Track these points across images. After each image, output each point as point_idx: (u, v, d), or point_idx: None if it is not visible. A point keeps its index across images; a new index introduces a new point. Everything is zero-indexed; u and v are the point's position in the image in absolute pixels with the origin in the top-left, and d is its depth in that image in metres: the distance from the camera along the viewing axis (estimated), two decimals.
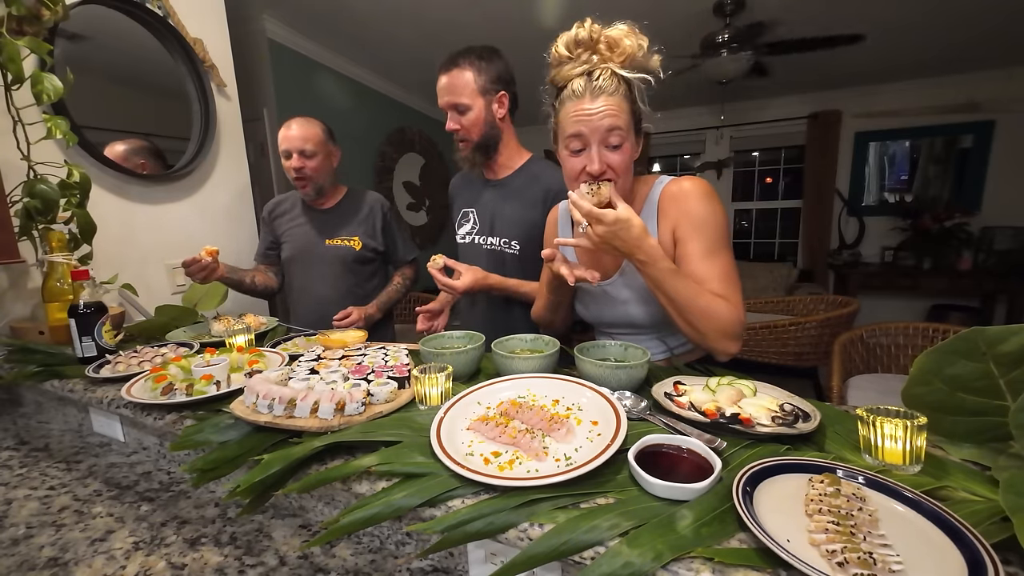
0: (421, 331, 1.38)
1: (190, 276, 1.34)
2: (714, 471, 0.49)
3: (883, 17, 2.68)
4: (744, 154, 4.87)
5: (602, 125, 0.82)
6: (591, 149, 0.84)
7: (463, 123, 1.21)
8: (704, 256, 0.86)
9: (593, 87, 0.82)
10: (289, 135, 1.51)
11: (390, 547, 0.64)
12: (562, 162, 0.91)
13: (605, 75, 0.82)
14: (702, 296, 0.80)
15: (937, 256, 3.85)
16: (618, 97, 0.82)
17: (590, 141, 0.84)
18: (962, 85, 3.79)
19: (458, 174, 1.46)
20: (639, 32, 0.82)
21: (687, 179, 0.90)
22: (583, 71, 0.83)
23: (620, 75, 0.82)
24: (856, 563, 0.38)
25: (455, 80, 1.18)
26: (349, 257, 1.61)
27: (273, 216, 1.68)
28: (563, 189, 1.29)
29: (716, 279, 0.84)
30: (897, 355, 2.10)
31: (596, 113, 0.81)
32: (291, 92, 2.81)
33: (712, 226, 0.86)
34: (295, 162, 1.51)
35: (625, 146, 0.84)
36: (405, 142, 4.07)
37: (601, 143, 0.84)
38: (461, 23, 2.73)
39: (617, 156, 0.84)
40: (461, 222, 1.39)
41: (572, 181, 0.89)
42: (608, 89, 0.81)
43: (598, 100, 0.81)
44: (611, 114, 0.81)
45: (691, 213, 0.87)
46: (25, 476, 0.86)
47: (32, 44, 1.11)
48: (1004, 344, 0.51)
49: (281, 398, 0.68)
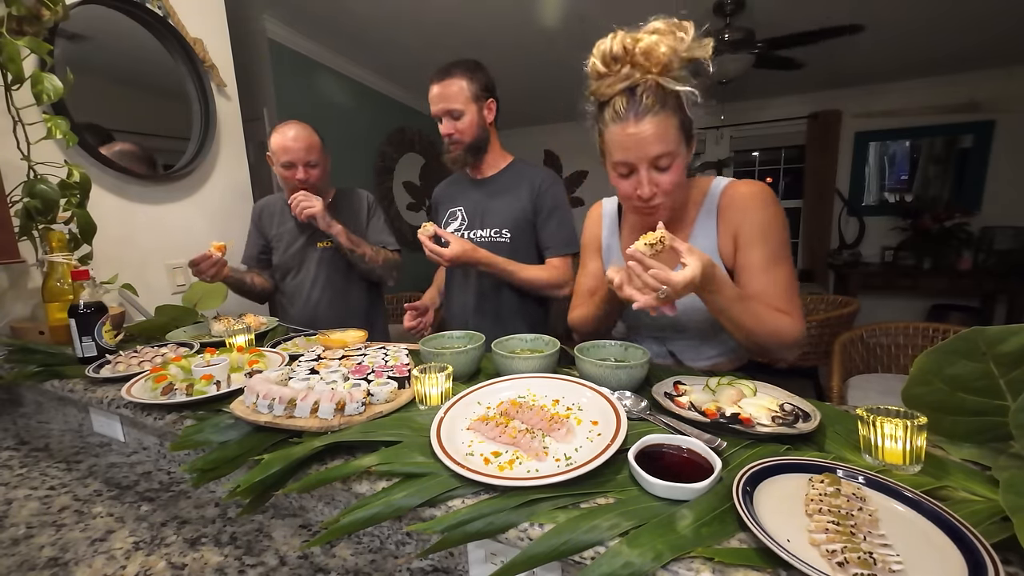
0: (409, 328, 1.41)
1: (199, 275, 1.33)
2: (714, 471, 0.49)
3: (883, 17, 2.68)
4: (744, 154, 4.87)
5: (650, 149, 0.77)
6: (640, 173, 0.80)
7: (457, 127, 1.28)
8: (767, 266, 0.83)
9: (637, 108, 0.76)
10: (293, 146, 1.45)
11: (390, 547, 0.64)
12: (613, 182, 0.87)
13: (649, 92, 0.75)
14: (768, 321, 0.79)
15: (937, 256, 3.84)
16: (664, 114, 0.76)
17: (638, 165, 0.80)
18: (962, 85, 3.79)
19: (441, 183, 1.52)
20: (678, 24, 0.74)
21: (749, 183, 0.87)
22: (624, 87, 0.77)
23: (665, 88, 0.75)
24: (856, 563, 0.38)
25: (449, 88, 1.25)
26: (341, 259, 1.59)
27: (262, 220, 1.65)
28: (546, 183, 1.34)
29: (779, 292, 0.82)
30: (897, 355, 2.10)
31: (643, 138, 0.76)
32: (291, 92, 2.81)
33: (775, 234, 0.84)
34: (300, 174, 1.47)
35: (676, 163, 0.80)
36: (405, 142, 4.06)
37: (650, 166, 0.80)
38: (461, 24, 2.73)
39: (667, 176, 0.80)
40: (448, 221, 1.42)
41: (625, 201, 0.87)
42: (653, 108, 0.75)
43: (643, 122, 0.76)
44: (658, 138, 0.76)
45: (755, 220, 0.84)
46: (25, 476, 0.86)
47: (32, 44, 1.11)
48: (1004, 344, 0.51)
49: (281, 398, 0.68)
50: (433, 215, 1.52)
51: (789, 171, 4.75)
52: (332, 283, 1.58)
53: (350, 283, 1.62)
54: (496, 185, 1.37)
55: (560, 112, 4.61)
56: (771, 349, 0.82)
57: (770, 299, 0.82)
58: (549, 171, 1.40)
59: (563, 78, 3.79)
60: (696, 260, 0.68)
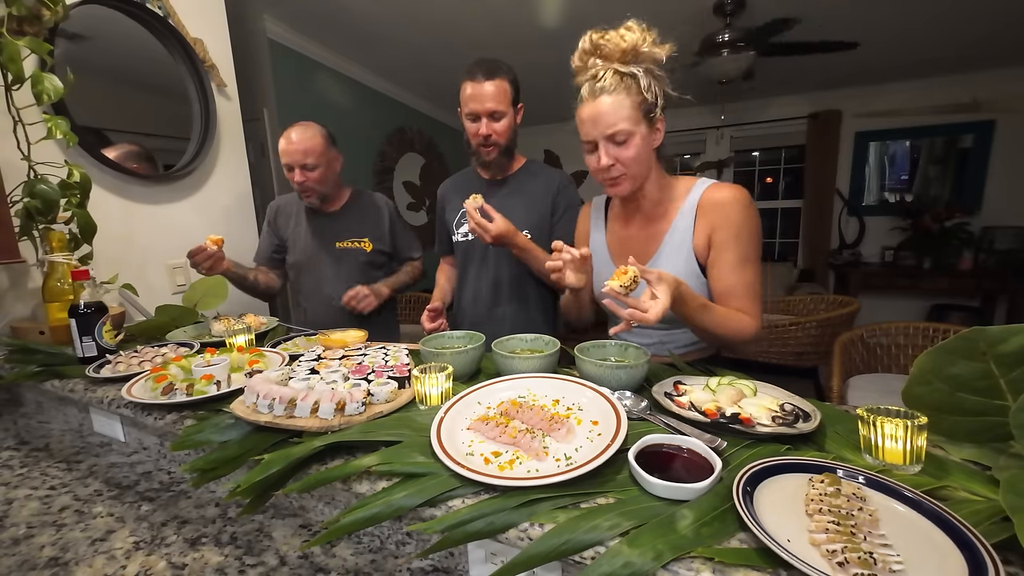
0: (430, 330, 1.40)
1: (196, 267, 1.33)
2: (714, 471, 0.49)
3: (883, 17, 2.68)
4: (744, 154, 4.87)
5: (602, 123, 0.87)
6: (599, 147, 0.89)
7: (496, 129, 1.27)
8: (736, 266, 0.90)
9: (594, 89, 0.87)
10: (290, 148, 1.46)
11: (390, 547, 0.64)
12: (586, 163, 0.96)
13: (607, 75, 0.86)
14: (728, 324, 0.87)
15: (937, 256, 3.84)
16: (619, 94, 0.85)
17: (596, 139, 0.89)
18: (962, 85, 3.78)
19: (447, 180, 1.51)
20: (644, 27, 0.85)
21: (730, 187, 0.93)
22: (591, 75, 0.88)
23: (621, 72, 0.85)
24: (856, 563, 0.38)
25: (498, 89, 1.25)
26: (361, 258, 1.61)
27: (277, 219, 1.67)
28: (563, 183, 1.38)
29: (742, 292, 0.90)
30: (897, 355, 2.10)
31: (599, 114, 0.86)
32: (291, 92, 2.80)
33: (747, 237, 0.90)
34: (298, 176, 1.49)
35: (633, 139, 0.88)
36: (405, 142, 4.06)
37: (607, 140, 0.88)
38: (461, 24, 2.73)
39: (624, 151, 0.88)
40: (461, 221, 1.41)
41: (595, 176, 0.95)
42: (608, 88, 0.85)
43: (599, 100, 0.86)
44: (613, 114, 0.86)
45: (731, 222, 0.90)
46: (26, 476, 0.86)
47: (32, 44, 1.11)
48: (1004, 344, 0.51)
49: (281, 398, 0.68)
50: (439, 213, 1.51)
51: (789, 171, 4.75)
52: (353, 282, 1.57)
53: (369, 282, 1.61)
54: (512, 186, 1.37)
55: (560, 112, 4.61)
56: (730, 345, 0.94)
57: (735, 298, 0.90)
58: (563, 172, 1.42)
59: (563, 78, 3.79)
60: (665, 289, 0.73)
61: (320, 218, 1.62)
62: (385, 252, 1.66)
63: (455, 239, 1.43)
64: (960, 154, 3.97)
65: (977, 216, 3.86)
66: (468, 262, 1.42)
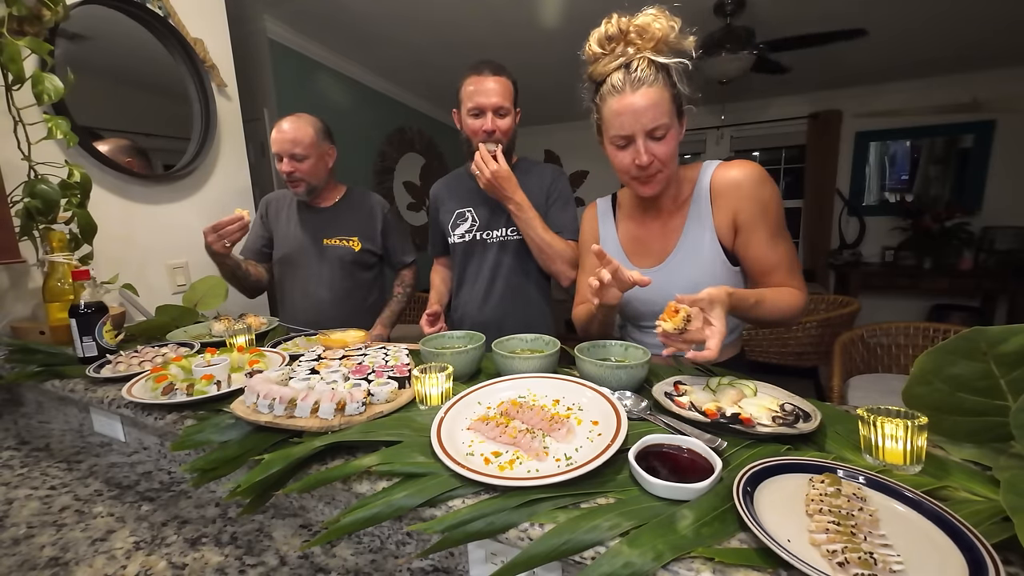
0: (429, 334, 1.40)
1: (221, 239, 1.33)
2: (714, 471, 0.49)
3: (884, 17, 2.68)
4: (745, 154, 4.86)
5: (645, 117, 0.82)
6: (637, 142, 0.85)
7: (501, 127, 1.27)
8: (770, 242, 0.88)
9: (632, 79, 0.81)
10: (279, 137, 1.46)
11: (390, 547, 0.64)
12: (610, 157, 0.91)
13: (642, 65, 0.81)
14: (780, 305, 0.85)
15: (938, 256, 3.84)
16: (658, 86, 0.81)
17: (635, 135, 0.84)
18: (963, 85, 3.78)
19: (439, 181, 1.51)
20: (669, 14, 0.81)
21: (741, 164, 0.90)
22: (619, 64, 0.83)
23: (657, 62, 0.81)
24: (857, 563, 0.38)
25: (504, 86, 1.26)
26: (348, 258, 1.58)
27: (268, 211, 1.65)
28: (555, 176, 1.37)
29: (784, 266, 0.89)
30: (898, 355, 2.10)
31: (639, 108, 0.81)
32: (291, 92, 2.80)
33: (773, 211, 0.88)
34: (286, 166, 1.48)
35: (670, 134, 0.84)
36: (405, 142, 4.06)
37: (646, 135, 0.84)
38: (461, 24, 2.73)
39: (662, 146, 0.85)
40: (457, 222, 1.40)
41: (623, 174, 0.91)
42: (647, 79, 0.81)
43: (638, 92, 0.81)
44: (653, 107, 0.81)
45: (754, 199, 0.88)
46: (26, 476, 0.86)
47: (33, 44, 1.11)
48: (1005, 344, 0.51)
49: (282, 398, 0.68)
50: (432, 214, 1.51)
51: (789, 171, 4.75)
52: (337, 282, 1.56)
53: (355, 283, 1.61)
54: None
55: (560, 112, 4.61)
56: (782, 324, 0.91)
57: (777, 274, 0.88)
58: (554, 166, 1.42)
59: (563, 78, 3.80)
60: (719, 311, 0.70)
61: (310, 213, 1.60)
62: (375, 253, 1.63)
63: (451, 241, 1.42)
64: (960, 154, 3.97)
65: (977, 216, 3.86)
66: (467, 263, 1.41)
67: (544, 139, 5.38)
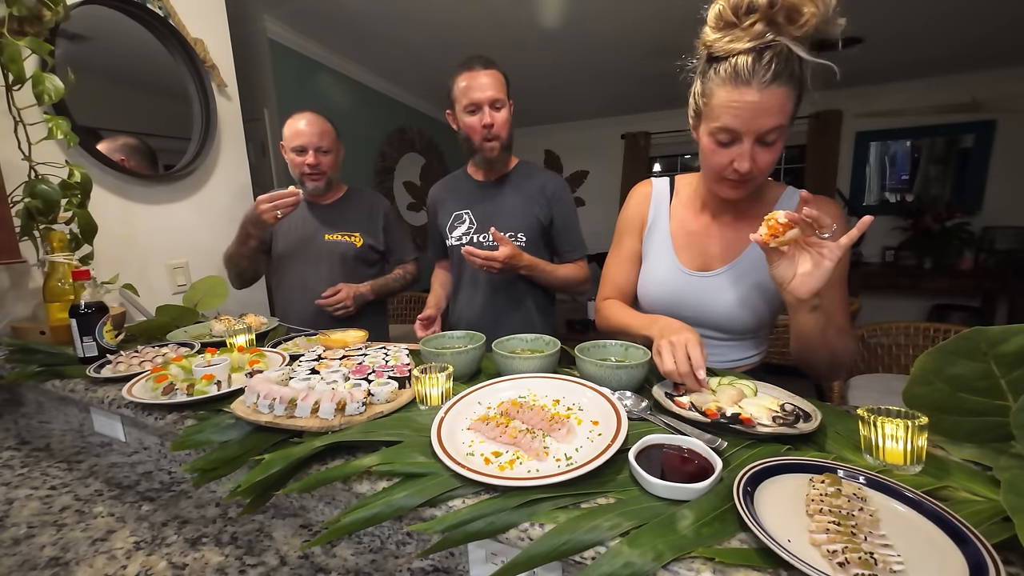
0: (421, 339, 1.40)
1: (274, 209, 1.32)
2: (715, 471, 0.49)
3: (884, 16, 2.68)
4: None
5: (764, 121, 0.70)
6: (743, 144, 0.73)
7: (497, 119, 1.27)
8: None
9: (761, 71, 0.67)
10: (304, 130, 1.49)
11: (391, 547, 0.64)
12: (703, 149, 0.79)
13: (780, 58, 0.66)
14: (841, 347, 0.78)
15: (938, 256, 3.84)
16: (789, 86, 0.68)
17: (745, 136, 0.72)
18: (963, 85, 3.78)
19: (437, 183, 1.51)
20: None
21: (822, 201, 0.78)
22: (751, 47, 0.67)
23: (797, 56, 0.67)
24: (857, 563, 0.38)
25: (497, 79, 1.26)
26: (350, 253, 1.58)
27: None
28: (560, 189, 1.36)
29: (842, 309, 0.82)
30: (898, 355, 2.09)
31: (762, 108, 0.69)
32: (291, 92, 2.81)
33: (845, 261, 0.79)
34: (311, 158, 1.50)
35: (780, 141, 0.73)
36: (405, 142, 4.07)
37: (757, 139, 0.72)
38: (461, 24, 2.73)
39: (769, 154, 0.74)
40: (454, 224, 1.41)
41: (712, 172, 0.79)
42: (779, 75, 0.67)
43: (767, 91, 0.68)
44: (778, 110, 0.69)
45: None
46: (26, 476, 0.86)
47: (33, 44, 1.11)
48: (1005, 344, 0.51)
49: (282, 398, 0.68)
50: (431, 217, 1.51)
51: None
52: (336, 278, 1.56)
53: (355, 280, 1.60)
54: (505, 187, 1.37)
55: (560, 112, 4.61)
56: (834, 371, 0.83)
57: (838, 317, 0.80)
58: (557, 175, 1.42)
59: (563, 78, 3.80)
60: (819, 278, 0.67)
61: (312, 209, 1.61)
62: (377, 250, 1.64)
63: (449, 243, 1.43)
64: (960, 154, 3.97)
65: (978, 216, 3.86)
66: (464, 265, 1.41)
67: (544, 139, 5.38)
